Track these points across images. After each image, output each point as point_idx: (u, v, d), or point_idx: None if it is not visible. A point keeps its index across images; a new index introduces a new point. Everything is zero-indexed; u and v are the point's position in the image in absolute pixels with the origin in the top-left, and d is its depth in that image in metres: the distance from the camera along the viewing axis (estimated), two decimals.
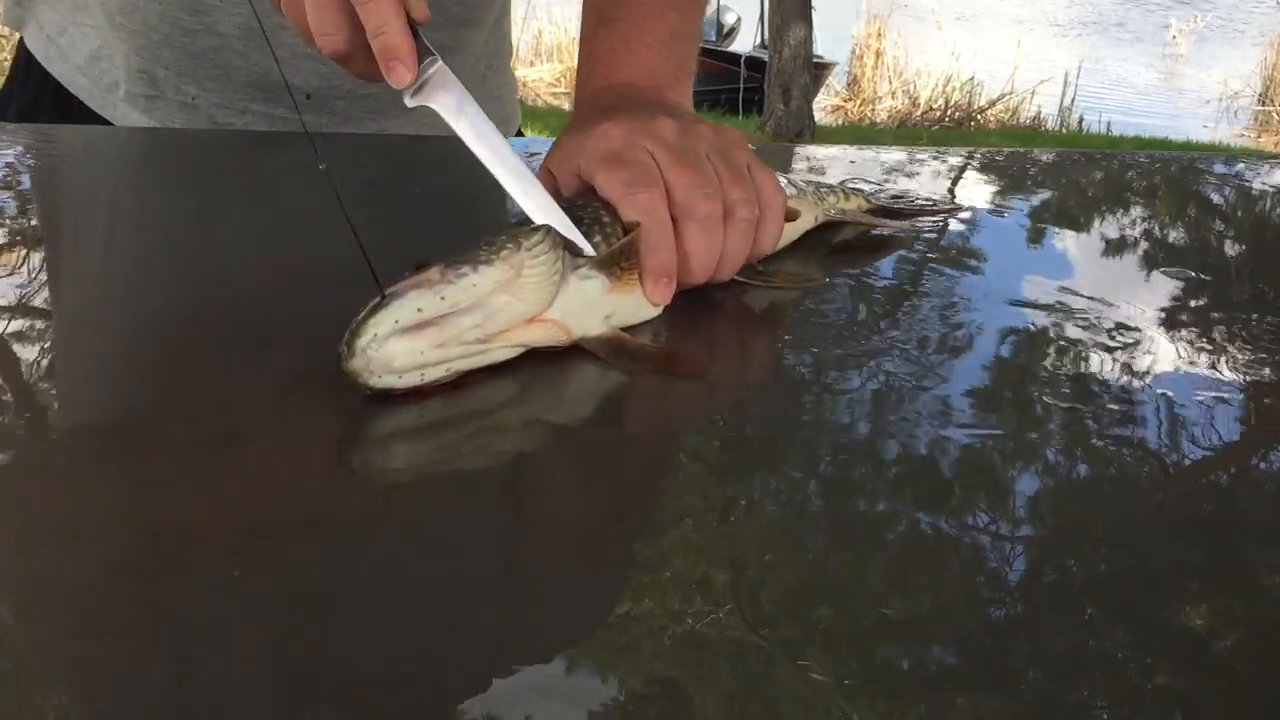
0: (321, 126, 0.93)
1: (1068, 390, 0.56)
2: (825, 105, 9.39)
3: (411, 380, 0.49)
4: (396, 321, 0.48)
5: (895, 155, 1.14)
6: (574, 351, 0.55)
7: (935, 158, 1.07)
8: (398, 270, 0.50)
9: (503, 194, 0.59)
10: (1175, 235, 0.88)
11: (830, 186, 0.76)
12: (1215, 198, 1.00)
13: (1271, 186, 1.02)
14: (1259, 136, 9.81)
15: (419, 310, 0.48)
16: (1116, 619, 0.39)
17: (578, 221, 0.57)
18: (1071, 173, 1.06)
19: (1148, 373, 0.58)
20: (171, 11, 0.87)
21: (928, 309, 0.65)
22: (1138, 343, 0.62)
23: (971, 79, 9.17)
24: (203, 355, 0.55)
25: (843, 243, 0.76)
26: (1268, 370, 0.60)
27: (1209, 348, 0.62)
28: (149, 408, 0.51)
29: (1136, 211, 0.94)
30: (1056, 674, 0.36)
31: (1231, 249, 0.85)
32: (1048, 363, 0.59)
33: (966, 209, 0.86)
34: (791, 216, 0.66)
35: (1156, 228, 0.89)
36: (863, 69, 9.84)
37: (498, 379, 0.53)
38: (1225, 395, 0.56)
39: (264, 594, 0.37)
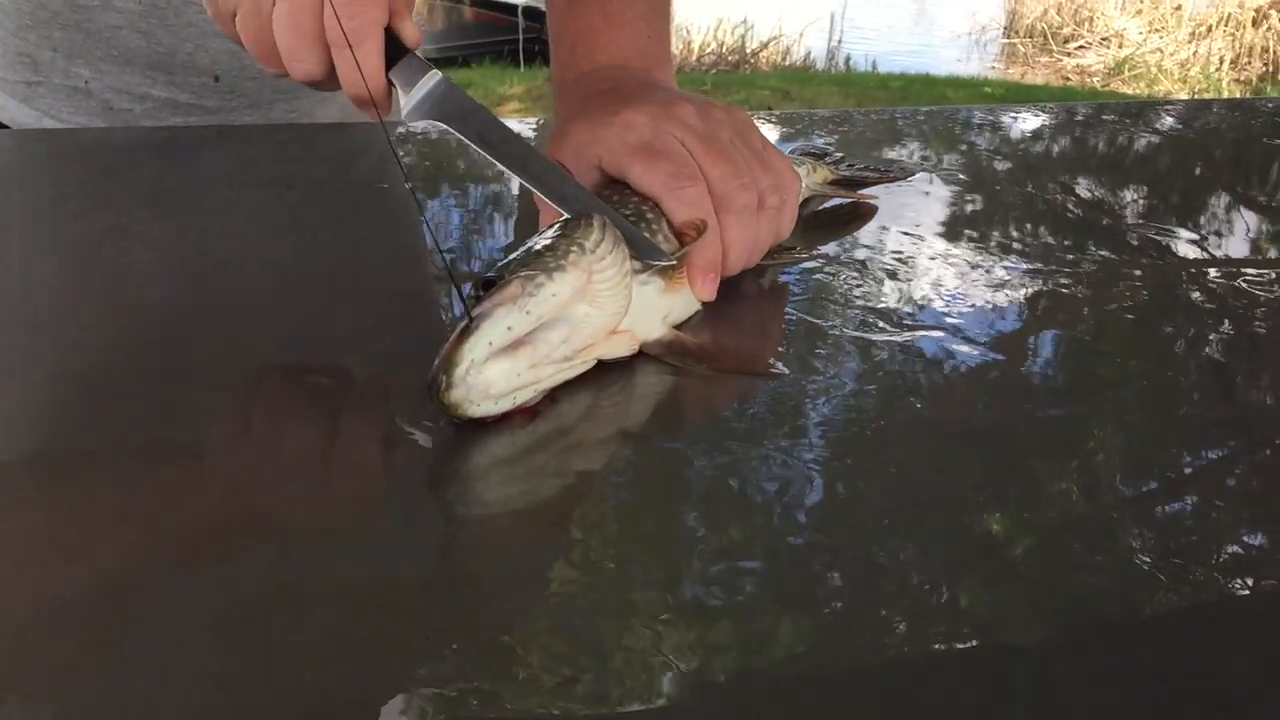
0: (230, 110, 0.86)
1: (854, 316, 0.59)
2: None
3: (505, 405, 0.46)
4: (490, 344, 0.45)
5: None
6: (634, 356, 0.53)
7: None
8: (335, 286, 0.46)
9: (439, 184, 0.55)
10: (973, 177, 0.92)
11: (797, 159, 0.75)
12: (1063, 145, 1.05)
13: (1031, 129, 1.09)
14: (1007, 68, 10.38)
15: (509, 329, 0.45)
16: (909, 535, 0.40)
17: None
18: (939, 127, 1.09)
19: (925, 295, 0.62)
20: None
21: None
22: (914, 263, 0.67)
23: (744, 21, 9.33)
24: (143, 387, 0.51)
25: (811, 215, 0.76)
26: (1041, 282, 0.65)
27: (985, 268, 0.67)
28: (128, 443, 0.45)
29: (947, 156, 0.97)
30: (855, 592, 0.37)
31: (1007, 177, 0.89)
32: (839, 293, 0.62)
33: (916, 172, 0.87)
34: None
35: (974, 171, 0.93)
36: None
37: (571, 394, 0.50)
38: (1001, 312, 0.60)
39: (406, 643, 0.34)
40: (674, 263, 0.53)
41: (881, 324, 0.58)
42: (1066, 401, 0.52)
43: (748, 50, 9.22)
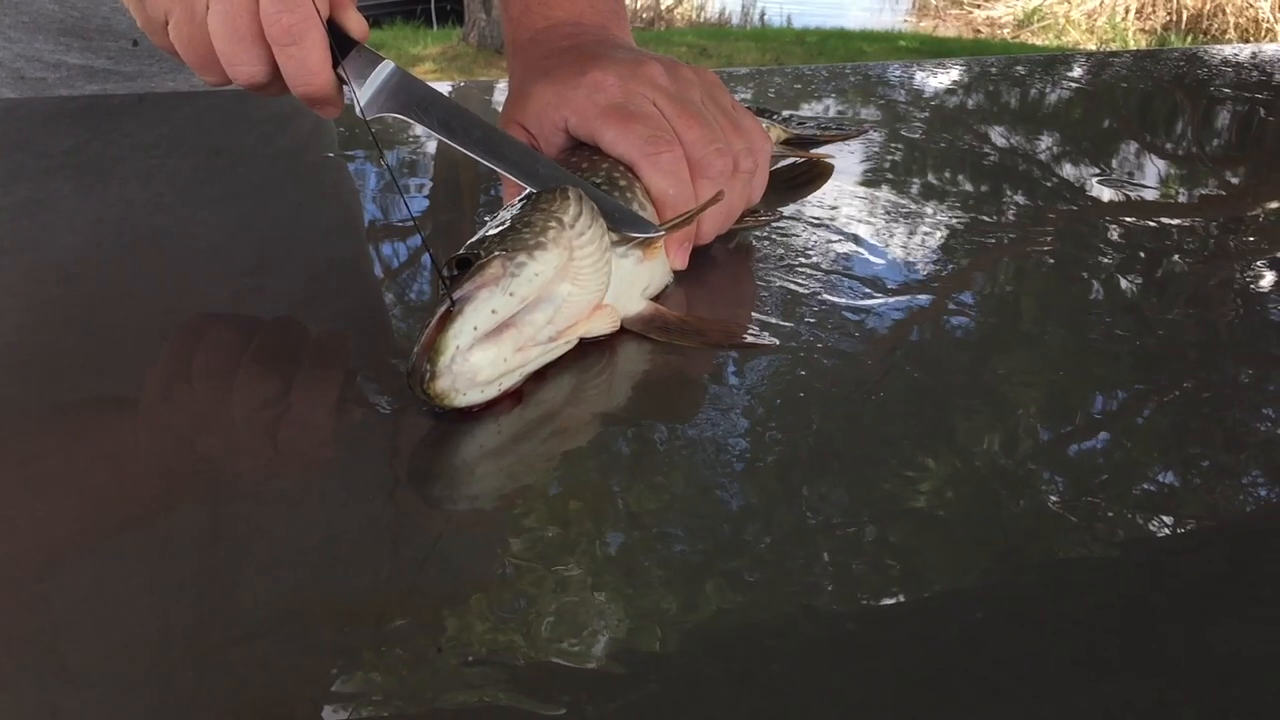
0: (151, 76, 0.81)
1: (822, 278, 0.57)
2: None
3: (491, 393, 0.43)
4: (475, 329, 0.42)
5: None
6: (614, 333, 0.50)
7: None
8: (267, 256, 0.44)
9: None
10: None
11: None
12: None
13: (964, 84, 1.08)
14: (919, 21, 10.43)
15: (493, 312, 0.42)
16: (833, 494, 0.40)
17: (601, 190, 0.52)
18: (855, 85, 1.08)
19: (849, 256, 0.61)
20: None
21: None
22: (872, 221, 0.66)
23: None
24: (66, 362, 0.48)
25: (771, 175, 0.74)
26: (958, 238, 0.64)
27: (908, 229, 0.66)
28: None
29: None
30: (784, 549, 0.37)
31: (951, 133, 0.88)
32: (805, 254, 0.61)
33: (869, 129, 0.85)
34: None
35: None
36: None
37: (555, 376, 0.47)
38: (919, 274, 0.59)
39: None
40: (662, 233, 0.50)
41: (853, 286, 0.57)
42: (999, 352, 0.52)
43: (662, 7, 9.14)
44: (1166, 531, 0.39)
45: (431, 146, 0.80)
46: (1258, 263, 0.63)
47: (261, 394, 0.46)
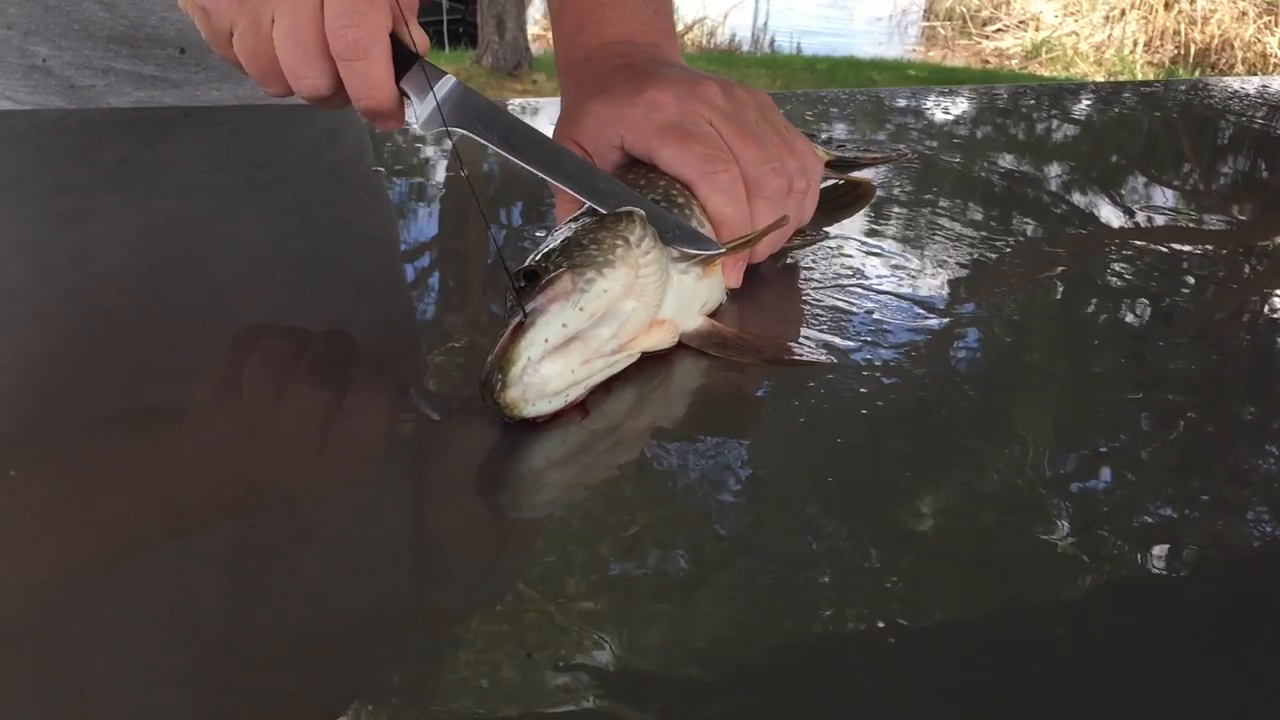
0: (197, 84, 0.82)
1: (874, 298, 0.58)
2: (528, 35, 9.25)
3: (557, 404, 0.44)
4: (546, 340, 0.42)
5: None
6: (671, 348, 0.51)
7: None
8: (309, 271, 0.48)
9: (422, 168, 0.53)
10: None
11: None
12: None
13: (992, 112, 1.09)
14: (928, 51, 10.49)
15: (563, 325, 0.43)
16: (838, 520, 0.40)
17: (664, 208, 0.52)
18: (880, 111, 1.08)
19: (893, 275, 0.61)
20: None
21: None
22: (878, 241, 0.66)
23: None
24: (105, 376, 0.48)
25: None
26: (959, 266, 0.64)
27: (915, 256, 0.66)
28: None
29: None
30: (784, 575, 0.37)
31: (987, 160, 0.89)
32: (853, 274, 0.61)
33: (909, 152, 0.86)
34: None
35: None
36: None
37: (619, 389, 0.48)
38: (926, 299, 0.59)
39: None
40: (723, 251, 0.51)
41: (901, 306, 0.57)
42: (997, 380, 0.52)
43: None
44: (1163, 568, 0.39)
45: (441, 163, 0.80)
46: (1266, 295, 0.63)
47: (325, 405, 0.46)
